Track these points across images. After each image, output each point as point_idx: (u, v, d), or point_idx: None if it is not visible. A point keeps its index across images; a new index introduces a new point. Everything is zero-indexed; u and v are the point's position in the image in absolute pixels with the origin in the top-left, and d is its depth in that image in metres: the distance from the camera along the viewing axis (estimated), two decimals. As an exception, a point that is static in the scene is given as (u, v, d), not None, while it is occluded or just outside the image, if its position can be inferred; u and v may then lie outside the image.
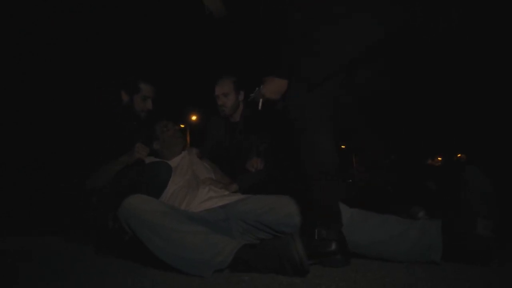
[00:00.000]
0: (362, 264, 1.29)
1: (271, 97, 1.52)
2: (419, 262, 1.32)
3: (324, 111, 1.33)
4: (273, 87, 1.50)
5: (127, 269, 1.33)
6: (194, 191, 1.71)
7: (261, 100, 1.57)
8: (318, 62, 1.35)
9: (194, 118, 15.72)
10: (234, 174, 2.09)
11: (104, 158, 1.91)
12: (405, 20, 1.30)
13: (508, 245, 1.61)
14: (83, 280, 1.20)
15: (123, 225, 1.31)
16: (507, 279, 1.08)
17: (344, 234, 1.31)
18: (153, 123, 2.11)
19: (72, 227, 2.74)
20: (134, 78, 2.10)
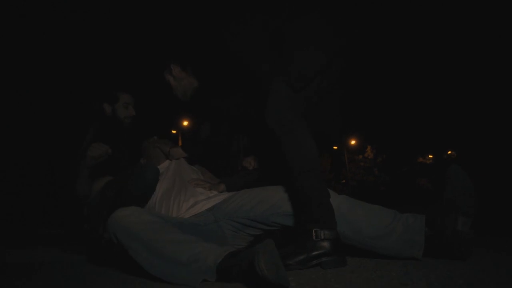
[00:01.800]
0: (357, 265, 1.30)
1: None
2: (402, 257, 1.35)
3: (300, 113, 1.41)
4: None
5: (120, 277, 1.33)
6: (182, 194, 1.71)
7: None
8: (299, 66, 1.43)
9: (185, 123, 15.68)
10: (224, 175, 2.09)
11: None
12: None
13: (504, 242, 1.65)
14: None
15: (112, 238, 1.29)
16: (500, 276, 1.10)
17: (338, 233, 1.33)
18: (141, 133, 2.16)
19: (66, 236, 2.73)
20: (111, 89, 2.19)
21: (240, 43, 1.58)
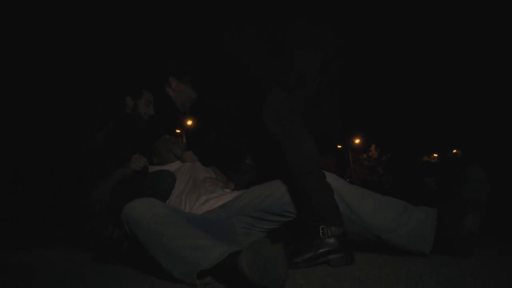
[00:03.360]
0: (365, 262, 1.30)
1: None
2: (409, 252, 1.35)
3: (299, 113, 1.41)
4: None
5: (121, 277, 1.33)
6: (194, 192, 1.71)
7: None
8: (299, 66, 1.43)
9: (189, 123, 15.71)
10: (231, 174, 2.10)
11: (110, 165, 1.90)
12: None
13: (506, 240, 1.63)
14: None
15: (124, 226, 1.30)
16: (508, 273, 1.09)
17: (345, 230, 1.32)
18: (153, 132, 2.15)
19: (71, 236, 2.73)
20: (138, 84, 2.17)
21: (240, 43, 1.57)
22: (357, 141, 23.79)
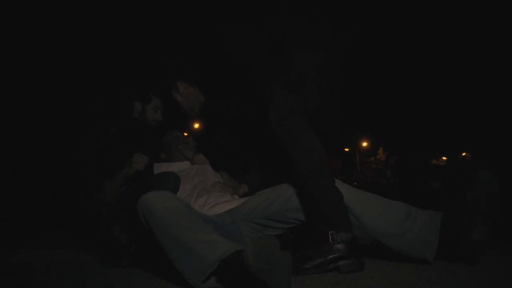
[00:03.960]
0: (376, 269, 1.26)
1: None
2: (413, 258, 1.32)
3: (300, 113, 1.39)
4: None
5: (123, 278, 1.32)
6: (203, 197, 1.70)
7: None
8: (299, 66, 1.43)
9: (197, 126, 15.75)
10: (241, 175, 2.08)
11: (110, 165, 1.89)
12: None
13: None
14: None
15: (140, 217, 1.30)
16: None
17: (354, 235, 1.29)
18: (159, 132, 2.14)
19: (71, 236, 2.73)
20: (146, 89, 2.16)
21: (240, 44, 1.56)
22: (364, 144, 23.63)
